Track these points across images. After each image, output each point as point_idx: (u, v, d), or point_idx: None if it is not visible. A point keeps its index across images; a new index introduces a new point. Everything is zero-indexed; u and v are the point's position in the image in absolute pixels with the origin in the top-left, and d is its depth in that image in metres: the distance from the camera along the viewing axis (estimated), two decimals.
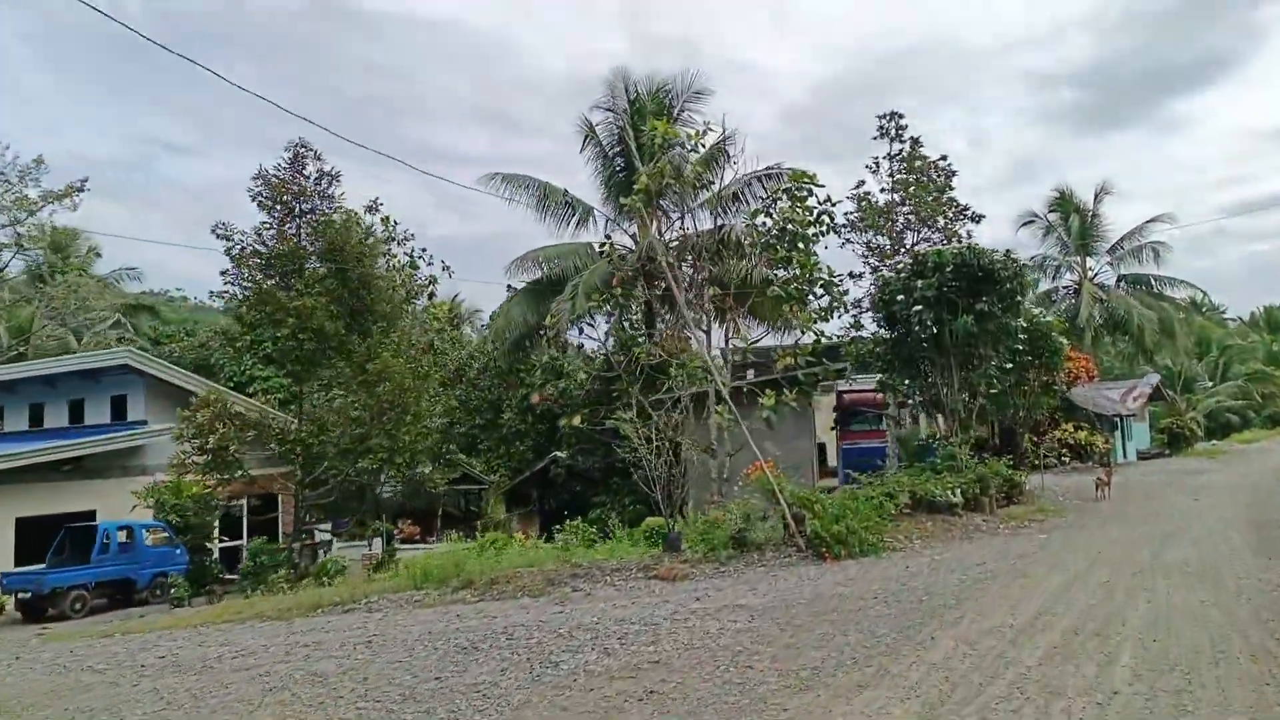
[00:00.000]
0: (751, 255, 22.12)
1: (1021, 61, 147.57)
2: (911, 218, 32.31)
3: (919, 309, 19.64)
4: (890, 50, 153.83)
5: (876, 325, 22.76)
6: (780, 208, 20.56)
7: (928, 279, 19.67)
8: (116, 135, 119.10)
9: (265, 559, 20.06)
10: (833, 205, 20.44)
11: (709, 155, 25.75)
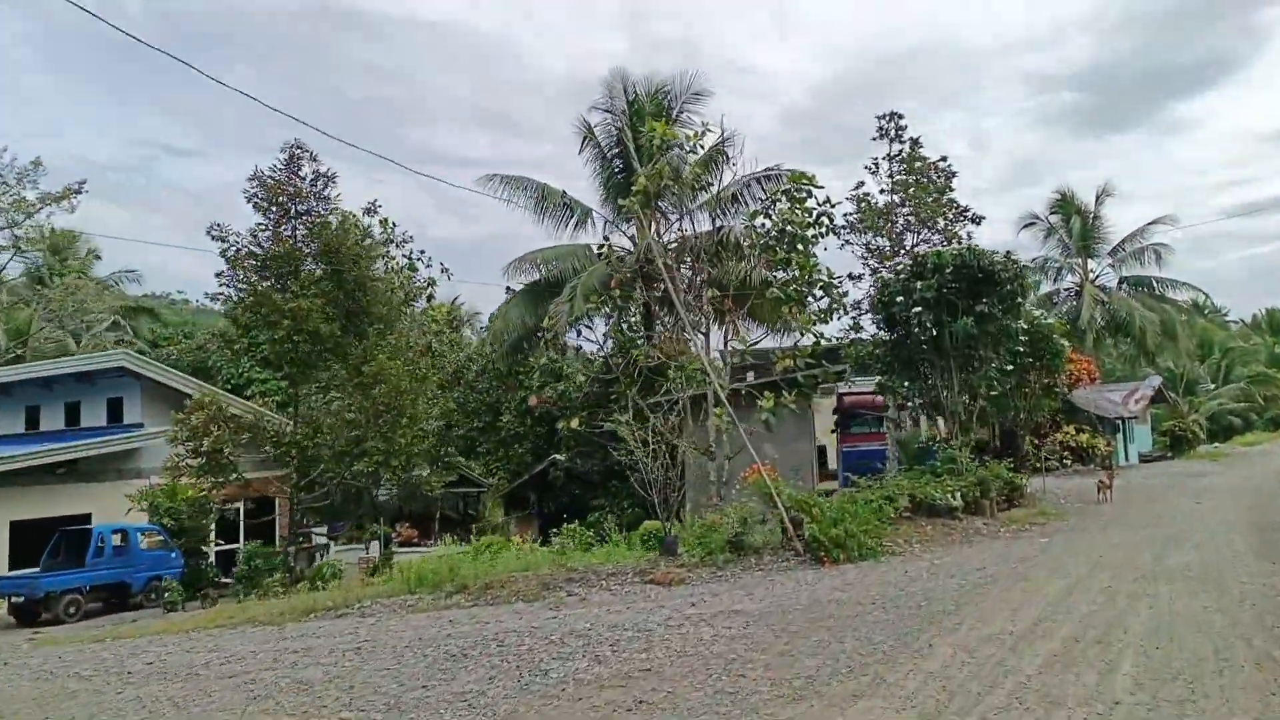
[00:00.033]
0: (750, 257, 21.98)
1: (1022, 63, 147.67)
2: (911, 219, 32.13)
3: (918, 310, 19.50)
4: (890, 51, 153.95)
5: (876, 327, 22.62)
6: (779, 209, 20.43)
7: (927, 280, 19.51)
8: (118, 138, 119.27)
9: (260, 563, 19.94)
10: (832, 206, 20.32)
11: (708, 157, 25.62)
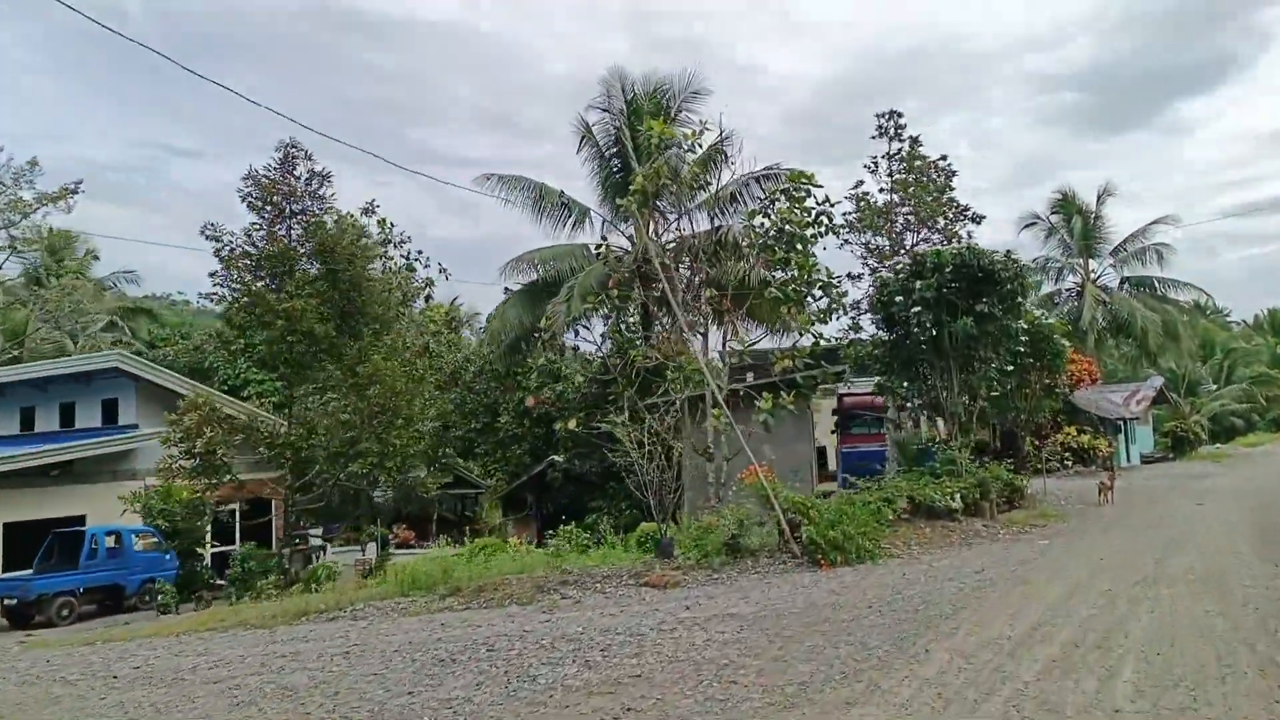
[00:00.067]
0: (749, 256, 21.82)
1: (1024, 63, 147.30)
2: (911, 218, 31.97)
3: (918, 310, 19.31)
4: (892, 52, 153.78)
5: (875, 327, 22.46)
6: (778, 208, 20.24)
7: (927, 280, 19.33)
8: (120, 139, 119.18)
9: (254, 565, 19.77)
10: (831, 206, 20.11)
11: (706, 156, 25.48)
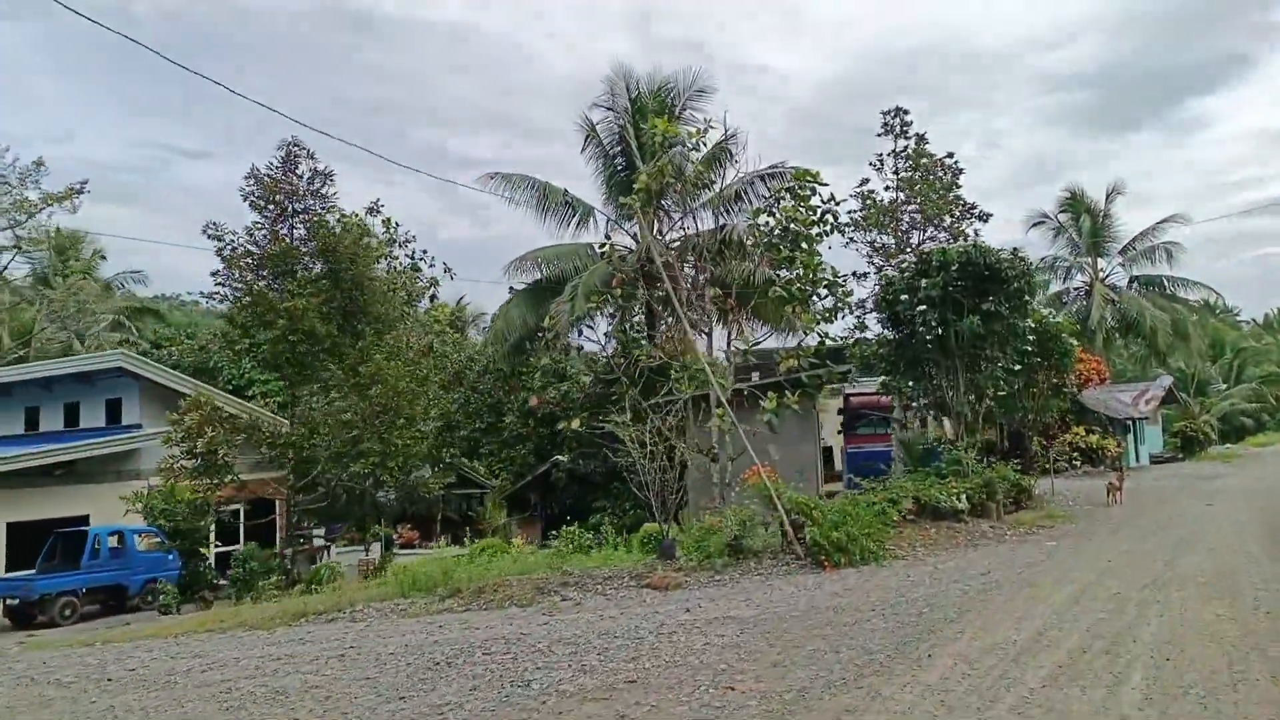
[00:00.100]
0: (754, 255, 21.67)
1: (1033, 63, 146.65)
2: (917, 216, 31.73)
3: (923, 309, 19.14)
4: (899, 51, 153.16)
5: (881, 326, 22.29)
6: (783, 206, 20.09)
7: (932, 278, 19.15)
8: (128, 140, 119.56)
9: (256, 565, 19.69)
10: (837, 204, 19.98)
11: (711, 154, 25.32)
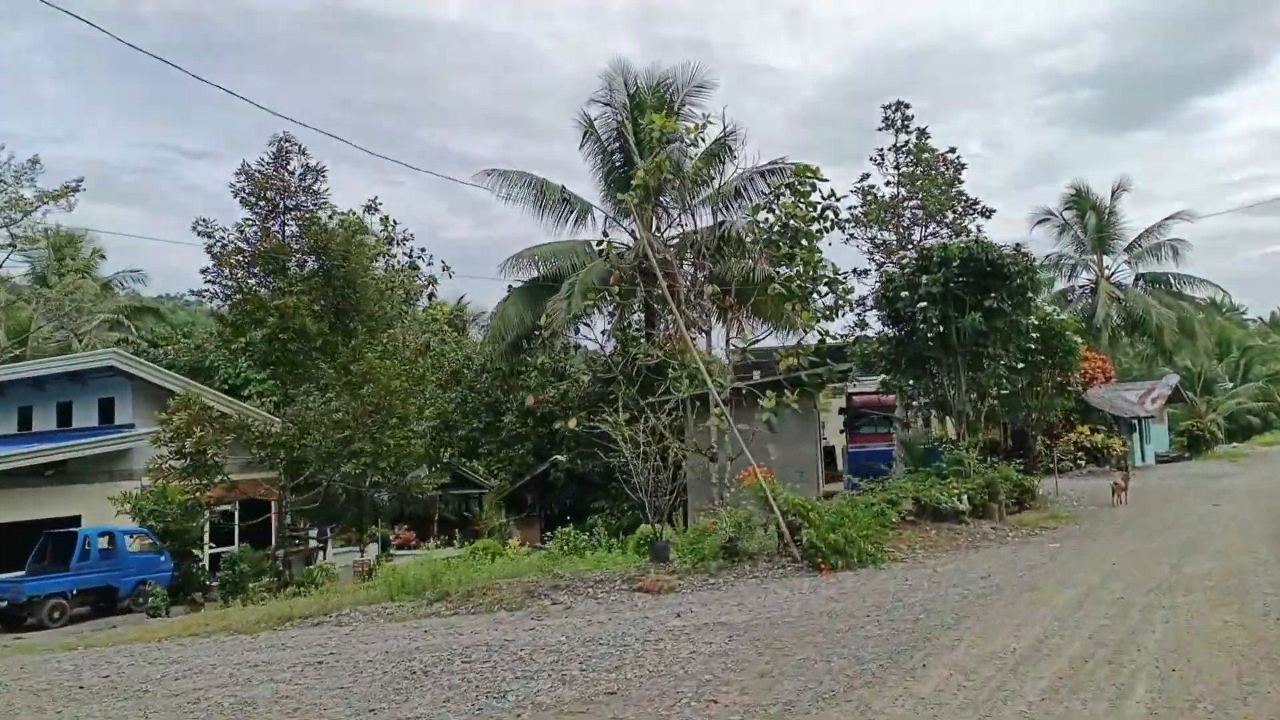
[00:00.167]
0: (753, 252, 21.36)
1: (1037, 61, 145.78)
2: (919, 212, 31.34)
3: (924, 306, 18.77)
4: (903, 50, 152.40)
5: (881, 324, 21.95)
6: (783, 203, 19.79)
7: (933, 274, 18.77)
8: (131, 141, 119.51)
9: (246, 567, 19.44)
10: (837, 200, 19.66)
11: (710, 151, 25.02)
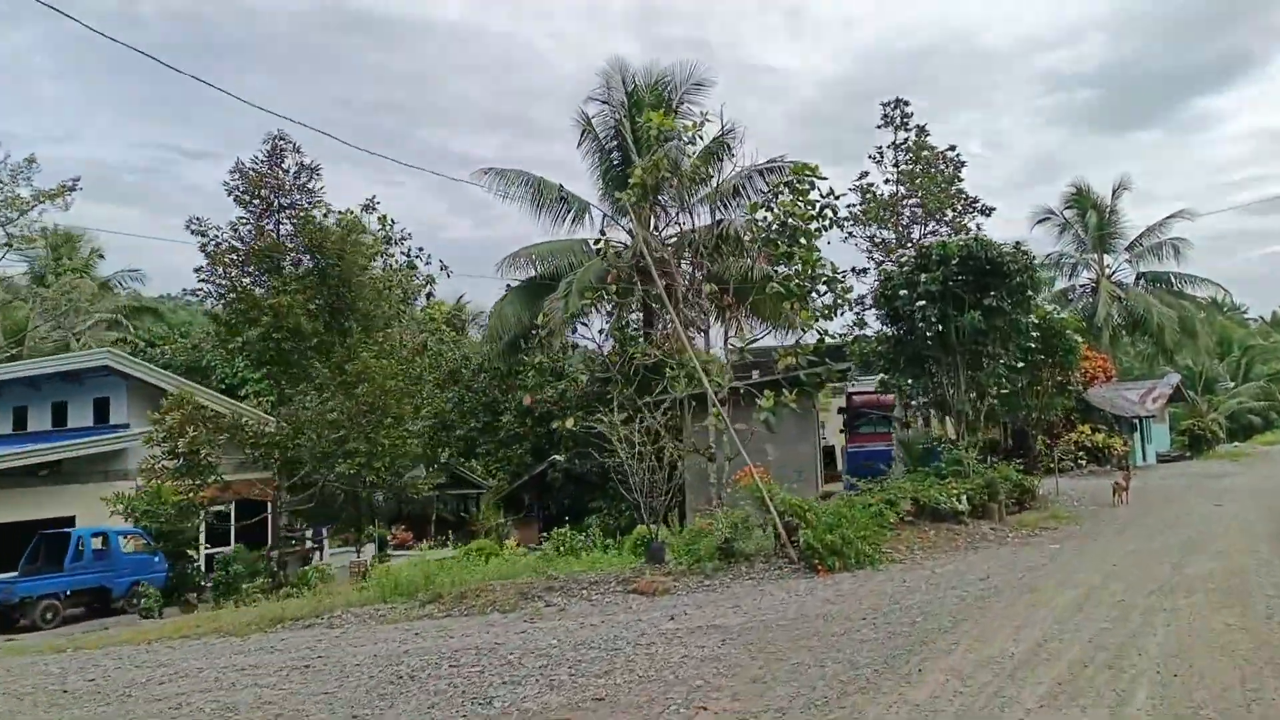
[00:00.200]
0: (751, 251, 21.21)
1: (1038, 61, 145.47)
2: (918, 210, 31.14)
3: (923, 304, 18.60)
4: (903, 51, 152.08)
5: (880, 323, 21.80)
6: (781, 201, 19.63)
7: (932, 272, 18.62)
8: (133, 141, 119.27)
9: (240, 568, 19.29)
10: (836, 198, 19.50)
11: (709, 149, 24.87)
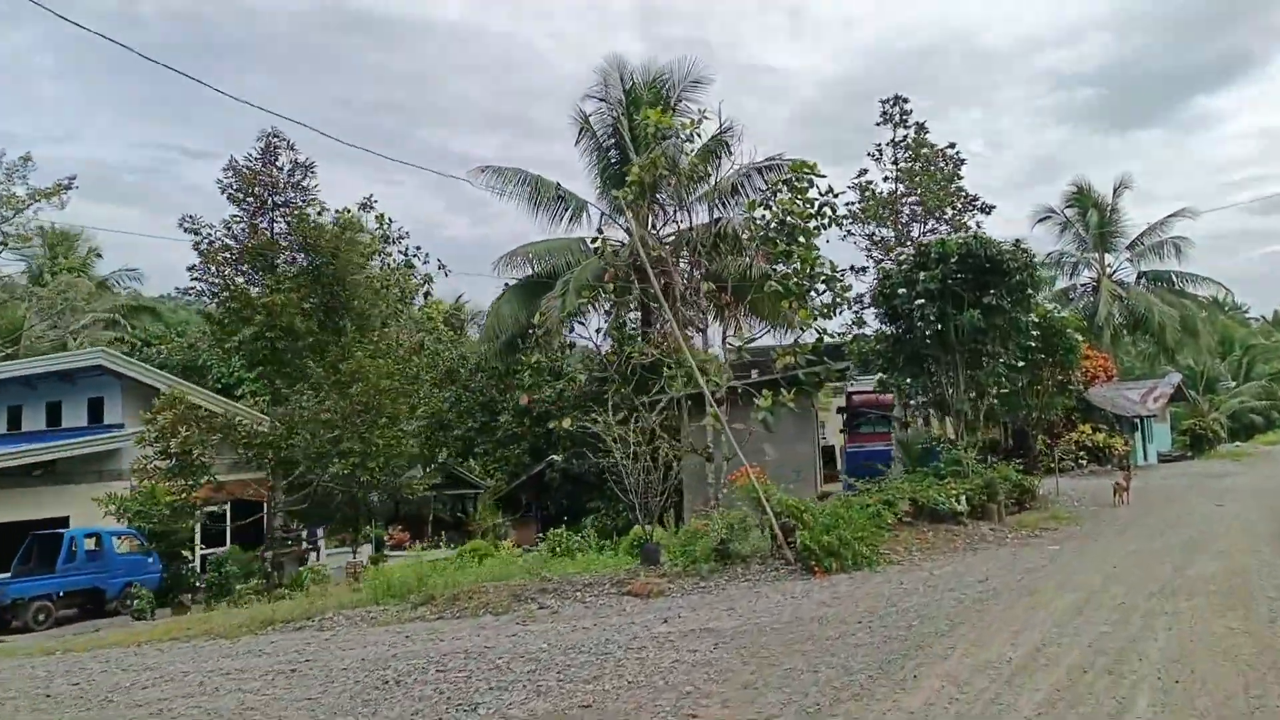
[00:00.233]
0: (749, 249, 21.06)
1: (1039, 60, 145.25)
2: (917, 208, 30.95)
3: (921, 303, 18.44)
4: (904, 50, 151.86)
5: (879, 322, 21.63)
6: (779, 199, 19.47)
7: (931, 271, 18.45)
8: (133, 141, 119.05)
9: (234, 569, 19.16)
10: (835, 196, 19.34)
11: (707, 147, 24.74)
